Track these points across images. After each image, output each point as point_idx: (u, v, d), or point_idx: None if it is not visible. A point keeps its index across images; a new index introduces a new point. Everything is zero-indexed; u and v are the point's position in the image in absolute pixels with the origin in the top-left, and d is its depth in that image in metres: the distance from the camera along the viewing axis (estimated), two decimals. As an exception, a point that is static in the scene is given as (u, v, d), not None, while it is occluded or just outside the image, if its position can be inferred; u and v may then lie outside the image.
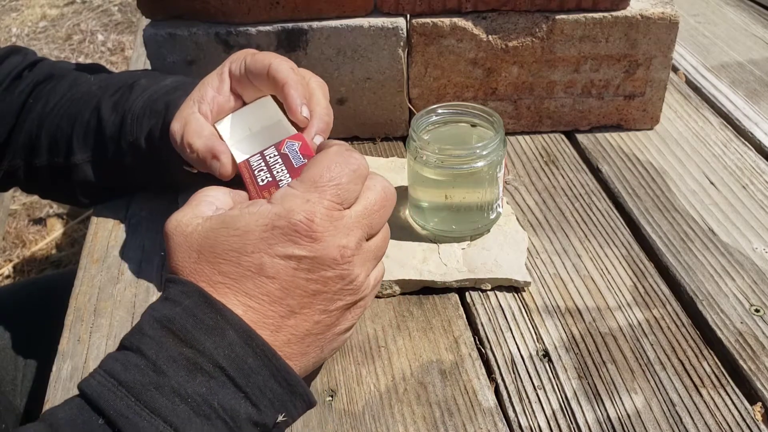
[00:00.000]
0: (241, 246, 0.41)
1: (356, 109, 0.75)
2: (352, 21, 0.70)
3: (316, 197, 0.42)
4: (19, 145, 0.66)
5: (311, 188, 0.42)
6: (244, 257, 0.41)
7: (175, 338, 0.39)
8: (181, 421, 0.37)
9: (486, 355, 0.53)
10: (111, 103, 0.63)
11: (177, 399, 0.37)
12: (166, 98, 0.60)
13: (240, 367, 0.39)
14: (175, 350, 0.38)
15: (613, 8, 0.70)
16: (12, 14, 2.97)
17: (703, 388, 0.49)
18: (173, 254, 0.43)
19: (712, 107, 0.82)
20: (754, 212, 0.66)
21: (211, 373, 0.38)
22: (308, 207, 0.41)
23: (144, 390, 0.37)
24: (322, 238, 0.41)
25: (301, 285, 0.42)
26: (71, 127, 0.64)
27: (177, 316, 0.40)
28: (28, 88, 0.67)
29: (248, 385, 0.39)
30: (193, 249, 0.42)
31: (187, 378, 0.38)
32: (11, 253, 1.73)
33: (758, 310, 0.55)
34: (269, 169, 0.50)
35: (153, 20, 0.71)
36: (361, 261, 0.44)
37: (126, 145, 0.61)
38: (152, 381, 0.37)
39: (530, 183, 0.70)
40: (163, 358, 0.38)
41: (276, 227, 0.41)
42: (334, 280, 0.43)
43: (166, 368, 0.38)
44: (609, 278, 0.59)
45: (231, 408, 0.38)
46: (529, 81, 0.74)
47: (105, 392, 0.37)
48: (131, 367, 0.38)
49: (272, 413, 0.40)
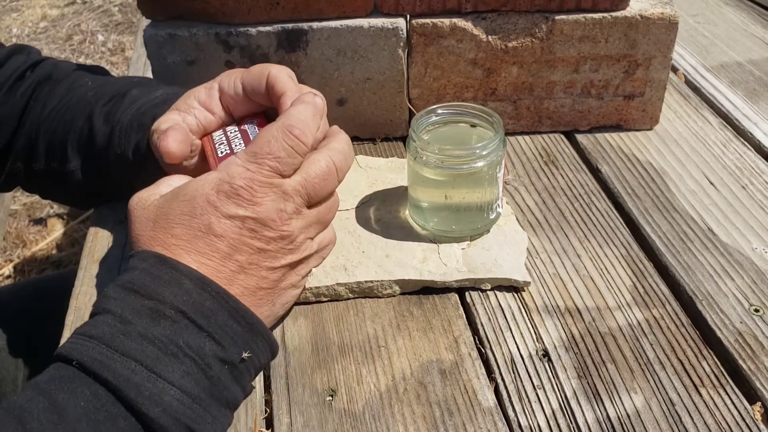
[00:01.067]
0: (191, 209, 0.46)
1: (356, 110, 0.76)
2: (352, 21, 0.70)
3: (255, 167, 0.47)
4: (20, 148, 0.66)
5: (252, 159, 0.47)
6: (194, 220, 0.46)
7: (137, 294, 0.43)
8: (151, 360, 0.40)
9: (486, 354, 0.53)
10: (103, 113, 0.63)
11: (145, 342, 0.41)
12: (154, 111, 0.60)
13: (199, 310, 0.43)
14: (137, 303, 0.42)
15: (613, 8, 0.70)
16: (12, 14, 2.97)
17: (702, 388, 0.50)
18: (133, 226, 0.48)
19: (712, 107, 0.83)
20: (754, 212, 0.66)
21: (173, 317, 0.42)
22: (248, 174, 0.47)
23: (113, 338, 0.40)
24: (261, 201, 0.47)
25: (247, 242, 0.47)
26: (66, 133, 0.64)
27: (136, 277, 0.44)
28: (30, 89, 0.67)
29: (209, 325, 0.43)
30: (149, 219, 0.47)
31: (152, 324, 0.41)
32: (12, 253, 1.74)
33: (758, 310, 0.56)
34: (228, 143, 0.55)
35: (153, 21, 0.72)
36: (302, 225, 0.50)
37: (114, 157, 0.61)
38: (120, 330, 0.41)
39: (530, 183, 0.71)
40: (128, 311, 0.42)
41: (221, 191, 0.46)
42: (275, 240, 0.48)
43: (131, 318, 0.41)
44: (608, 278, 0.59)
45: (197, 346, 0.42)
46: (529, 81, 0.74)
47: (78, 347, 0.40)
48: (99, 323, 0.42)
49: (236, 350, 0.43)
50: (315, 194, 0.50)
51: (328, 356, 0.53)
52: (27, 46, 0.72)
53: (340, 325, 0.55)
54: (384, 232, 0.62)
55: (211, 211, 0.46)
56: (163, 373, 0.40)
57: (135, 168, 0.60)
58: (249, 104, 0.58)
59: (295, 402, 0.49)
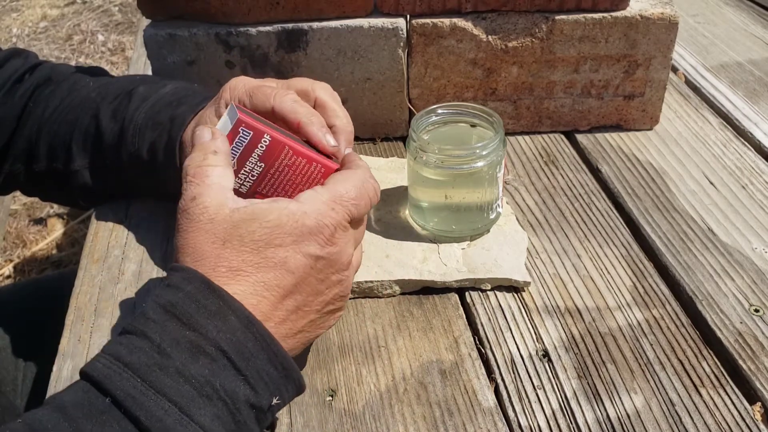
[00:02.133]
0: (268, 237, 0.44)
1: (356, 110, 0.76)
2: (352, 21, 0.70)
3: (340, 209, 0.46)
4: (20, 150, 0.66)
5: (337, 200, 0.46)
6: (269, 249, 0.44)
7: (179, 322, 0.40)
8: (186, 401, 0.38)
9: (486, 355, 0.53)
10: (110, 110, 0.63)
11: (181, 380, 0.39)
12: (171, 111, 0.60)
13: (240, 351, 0.40)
14: (178, 333, 0.40)
15: (613, 8, 0.70)
16: (12, 14, 2.97)
17: (702, 388, 0.50)
18: (192, 236, 0.44)
19: (712, 107, 0.83)
20: (754, 212, 0.66)
21: (213, 356, 0.40)
22: (333, 215, 0.45)
23: (149, 371, 0.38)
24: (338, 243, 0.46)
25: (311, 283, 0.45)
26: (70, 133, 0.64)
27: (180, 301, 0.41)
28: (28, 92, 0.67)
29: (248, 368, 0.41)
30: (219, 236, 0.44)
31: (191, 360, 0.39)
32: (12, 253, 1.74)
33: (758, 310, 0.56)
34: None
35: (153, 21, 0.72)
36: (353, 272, 0.49)
37: (126, 156, 0.61)
38: (157, 362, 0.39)
39: (530, 183, 0.71)
40: (167, 341, 0.39)
41: (305, 225, 0.44)
42: (335, 283, 0.47)
43: (170, 350, 0.39)
44: (608, 278, 0.59)
45: (231, 390, 0.40)
46: (529, 81, 0.74)
47: (111, 374, 0.38)
48: (135, 349, 0.39)
49: (268, 396, 0.42)
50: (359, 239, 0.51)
51: (328, 356, 0.53)
52: (24, 50, 0.72)
53: (340, 325, 0.55)
54: (384, 232, 0.62)
55: (289, 244, 0.44)
56: (196, 416, 0.38)
57: (148, 167, 0.61)
58: None
59: (295, 402, 0.49)
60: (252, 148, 0.49)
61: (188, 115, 0.59)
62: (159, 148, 0.59)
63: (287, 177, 0.50)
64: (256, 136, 0.48)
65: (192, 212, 0.44)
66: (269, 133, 0.49)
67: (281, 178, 0.50)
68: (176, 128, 0.58)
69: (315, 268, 0.45)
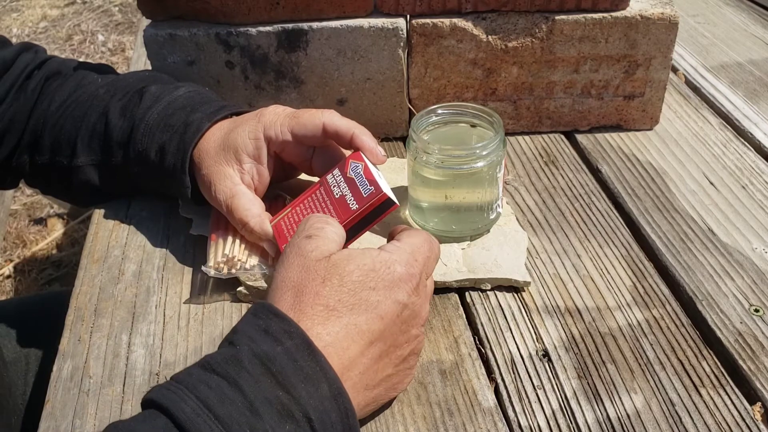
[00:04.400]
0: (365, 280, 0.45)
1: (356, 110, 0.76)
2: (352, 21, 0.70)
3: (421, 260, 0.48)
4: (26, 142, 0.67)
5: (416, 253, 0.48)
6: (365, 291, 0.44)
7: (274, 380, 0.40)
8: None
9: (486, 354, 0.53)
10: (119, 107, 0.63)
11: None
12: (184, 116, 0.61)
13: (323, 421, 0.40)
14: (271, 393, 0.39)
15: (613, 9, 0.70)
16: (12, 14, 2.97)
17: (702, 388, 0.50)
18: (298, 271, 0.46)
19: (712, 107, 0.83)
20: (754, 212, 0.66)
21: (299, 422, 0.39)
22: (418, 266, 0.47)
23: (240, 430, 0.38)
24: (421, 294, 0.47)
25: (394, 333, 0.45)
26: (76, 129, 0.64)
27: (278, 357, 0.41)
28: (39, 86, 0.67)
29: None
30: (320, 274, 0.45)
31: (279, 423, 0.39)
32: (12, 253, 1.74)
33: (758, 310, 0.56)
34: (339, 186, 0.56)
35: (153, 21, 0.72)
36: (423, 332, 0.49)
37: (134, 154, 0.62)
38: (248, 421, 0.38)
39: (530, 183, 0.71)
40: (260, 399, 0.39)
41: (396, 272, 0.45)
42: (413, 338, 0.47)
43: (261, 410, 0.39)
44: (608, 278, 0.59)
45: None
46: (529, 81, 0.74)
47: (201, 424, 0.37)
48: (227, 401, 0.39)
49: None
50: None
51: (328, 356, 0.53)
52: (34, 44, 0.72)
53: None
54: (384, 232, 0.62)
55: (382, 288, 0.45)
56: None
57: (154, 167, 0.61)
58: (299, 147, 0.59)
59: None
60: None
61: (204, 124, 0.60)
62: (169, 150, 0.60)
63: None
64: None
65: (304, 252, 0.46)
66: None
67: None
68: (190, 134, 0.59)
69: (401, 317, 0.45)
